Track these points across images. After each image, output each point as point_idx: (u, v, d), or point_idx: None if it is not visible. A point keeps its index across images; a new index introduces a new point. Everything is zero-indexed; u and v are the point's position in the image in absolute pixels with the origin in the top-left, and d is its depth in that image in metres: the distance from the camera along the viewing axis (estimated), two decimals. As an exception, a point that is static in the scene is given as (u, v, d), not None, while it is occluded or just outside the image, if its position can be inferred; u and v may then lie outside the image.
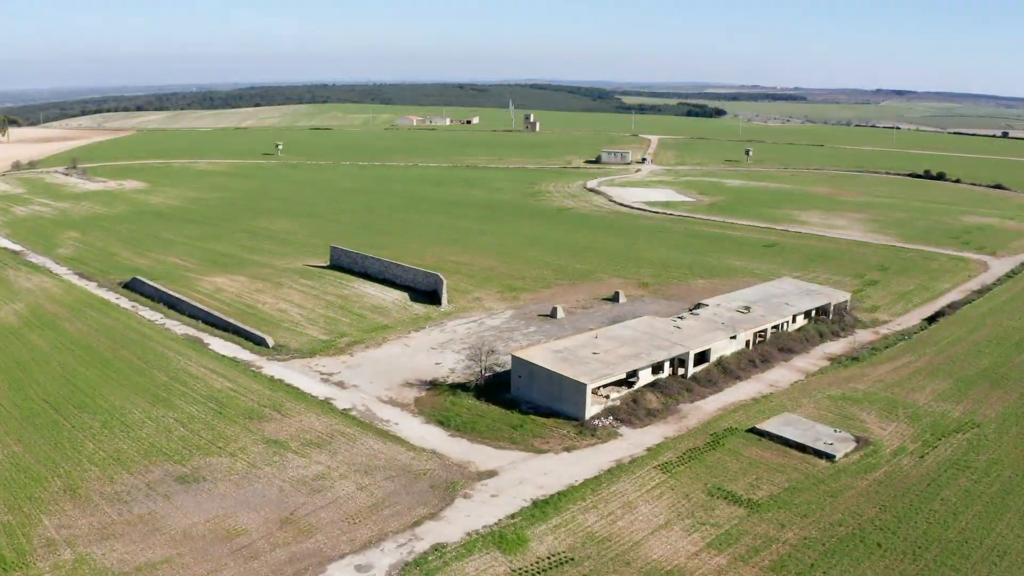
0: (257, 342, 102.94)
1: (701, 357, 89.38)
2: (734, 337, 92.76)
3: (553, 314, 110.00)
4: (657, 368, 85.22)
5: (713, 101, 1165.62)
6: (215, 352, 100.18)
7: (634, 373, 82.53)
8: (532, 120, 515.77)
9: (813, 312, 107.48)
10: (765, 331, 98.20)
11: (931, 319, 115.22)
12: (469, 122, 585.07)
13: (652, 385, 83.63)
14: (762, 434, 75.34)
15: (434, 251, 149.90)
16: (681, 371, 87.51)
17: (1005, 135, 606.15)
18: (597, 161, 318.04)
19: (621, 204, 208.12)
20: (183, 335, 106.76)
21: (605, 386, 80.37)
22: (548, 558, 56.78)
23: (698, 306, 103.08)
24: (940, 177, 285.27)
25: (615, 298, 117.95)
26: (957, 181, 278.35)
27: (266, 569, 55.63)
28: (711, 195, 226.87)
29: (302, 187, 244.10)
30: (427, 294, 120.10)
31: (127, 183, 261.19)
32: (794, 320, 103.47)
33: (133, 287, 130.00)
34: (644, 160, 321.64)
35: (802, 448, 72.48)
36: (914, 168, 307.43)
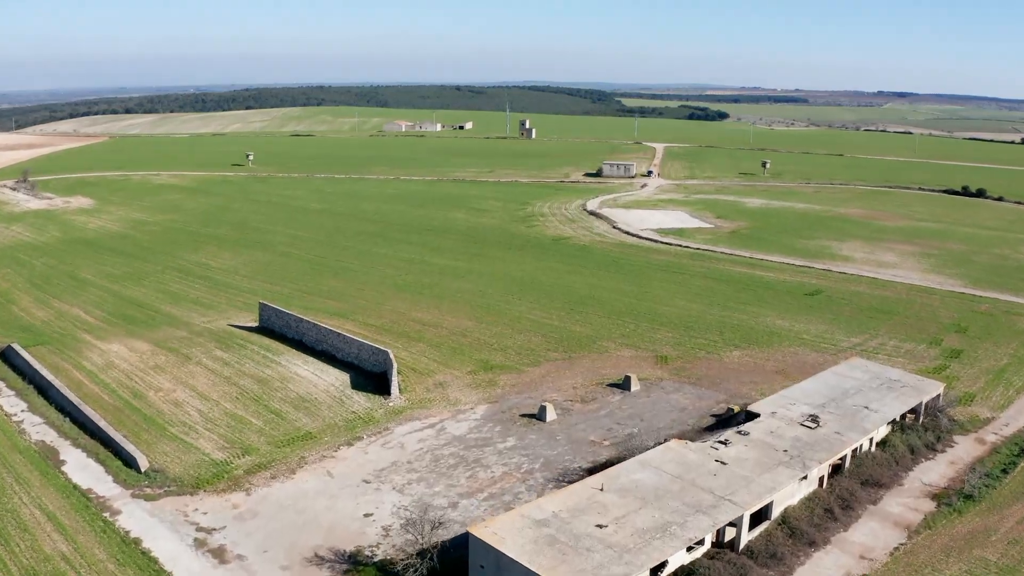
0: (127, 461, 73.74)
1: (759, 513, 59.88)
2: (804, 477, 63.19)
3: (541, 415, 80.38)
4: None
5: (714, 103, 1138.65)
6: (66, 480, 71.07)
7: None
8: (528, 126, 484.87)
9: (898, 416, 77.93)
10: (844, 458, 68.66)
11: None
12: (461, 127, 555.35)
13: (688, 574, 54.04)
14: None
15: (395, 304, 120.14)
16: (731, 533, 58.01)
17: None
18: (598, 174, 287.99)
19: (627, 232, 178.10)
20: (37, 444, 77.90)
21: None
22: None
23: (747, 416, 73.33)
24: (980, 194, 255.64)
25: (625, 384, 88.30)
26: (1000, 199, 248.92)
27: None
28: (731, 219, 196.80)
29: (262, 208, 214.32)
30: (374, 377, 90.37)
31: (74, 200, 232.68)
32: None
33: (7, 358, 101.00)
34: (650, 173, 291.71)
35: None
36: (946, 182, 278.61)
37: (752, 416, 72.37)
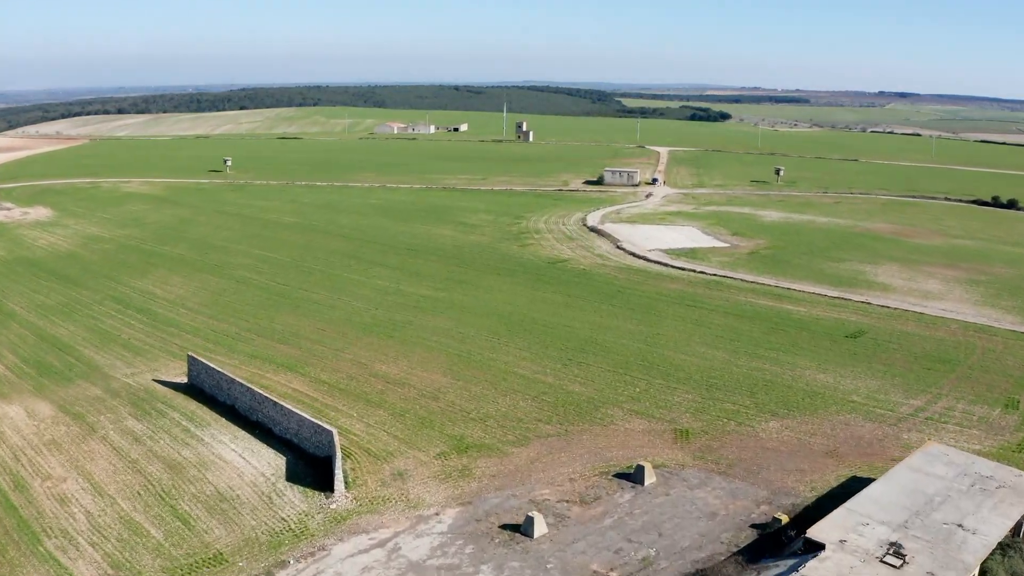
0: (-28, 597, 54.70)
1: None
2: (901, 661, 43.99)
3: (527, 528, 61.07)
4: None
5: (716, 104, 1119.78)
6: None
7: None
8: (525, 128, 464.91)
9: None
10: (945, 615, 49.49)
11: None
12: (456, 129, 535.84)
13: None
14: None
15: (358, 351, 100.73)
16: None
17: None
18: (599, 182, 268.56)
19: (633, 254, 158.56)
20: None
21: None
22: None
23: (806, 545, 54.03)
24: (1012, 205, 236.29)
25: (637, 476, 69.03)
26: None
27: None
28: (748, 236, 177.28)
29: (230, 221, 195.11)
30: (316, 463, 71.07)
31: (34, 211, 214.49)
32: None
33: None
34: (655, 181, 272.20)
35: None
36: (971, 190, 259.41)
37: (813, 546, 53.06)
